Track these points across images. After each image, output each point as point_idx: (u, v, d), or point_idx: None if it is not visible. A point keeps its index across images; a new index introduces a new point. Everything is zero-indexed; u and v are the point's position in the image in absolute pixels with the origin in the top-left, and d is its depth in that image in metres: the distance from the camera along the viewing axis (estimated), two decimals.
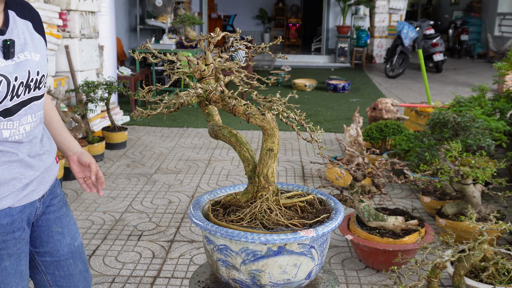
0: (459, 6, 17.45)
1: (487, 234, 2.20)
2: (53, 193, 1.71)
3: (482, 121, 3.71)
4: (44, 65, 1.54)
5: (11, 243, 1.53)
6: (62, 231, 1.72)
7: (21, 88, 1.43)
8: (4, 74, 1.37)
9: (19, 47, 1.44)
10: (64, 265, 1.73)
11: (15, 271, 1.55)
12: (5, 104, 1.40)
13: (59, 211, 1.73)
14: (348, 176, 4.03)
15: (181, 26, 9.02)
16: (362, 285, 2.82)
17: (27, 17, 1.52)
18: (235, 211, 1.51)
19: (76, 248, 1.77)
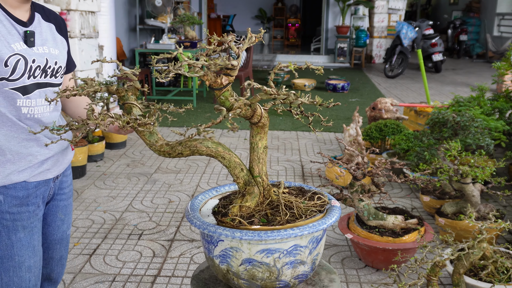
0: (458, 6, 17.47)
1: (486, 233, 2.21)
2: (66, 182, 1.90)
3: (481, 120, 3.72)
4: (63, 59, 1.77)
5: (26, 215, 1.69)
6: (63, 219, 1.92)
7: (38, 70, 1.64)
8: (23, 55, 1.60)
9: (40, 41, 1.68)
10: (50, 248, 1.91)
11: (28, 244, 1.71)
12: (23, 81, 1.60)
13: (67, 199, 1.92)
14: (347, 176, 4.04)
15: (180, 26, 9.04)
16: (362, 283, 2.83)
17: (51, 21, 1.79)
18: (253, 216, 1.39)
19: (66, 236, 1.96)
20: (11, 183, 1.64)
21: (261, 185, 1.41)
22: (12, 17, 1.61)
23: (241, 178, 1.40)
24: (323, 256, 3.13)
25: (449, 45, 15.43)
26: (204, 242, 1.42)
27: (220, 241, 1.34)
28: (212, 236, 1.35)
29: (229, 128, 1.34)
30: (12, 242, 1.68)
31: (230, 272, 1.36)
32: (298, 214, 1.38)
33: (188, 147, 1.38)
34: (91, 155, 4.83)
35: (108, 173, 4.64)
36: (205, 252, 1.45)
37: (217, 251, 1.36)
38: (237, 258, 1.32)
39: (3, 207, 1.65)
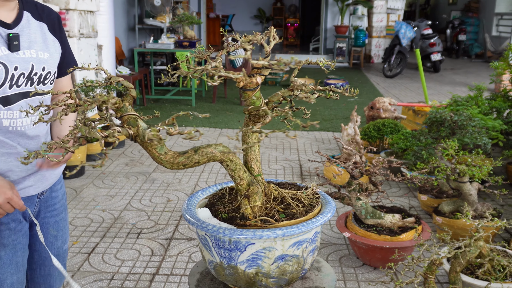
0: (457, 6, 17.48)
1: (483, 231, 2.22)
2: (56, 198, 1.78)
3: (479, 120, 3.73)
4: (53, 63, 1.60)
5: (6, 233, 1.59)
6: (56, 235, 1.81)
7: (21, 78, 1.49)
8: (3, 62, 1.44)
9: (27, 43, 1.52)
10: (47, 265, 1.80)
11: (10, 262, 1.61)
12: (4, 91, 1.46)
13: (59, 215, 1.80)
14: (345, 174, 4.05)
15: (179, 26, 9.03)
16: (359, 282, 2.84)
17: (43, 20, 1.62)
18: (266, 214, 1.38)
19: (63, 252, 1.86)
20: None
21: (262, 183, 1.41)
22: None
23: (245, 179, 1.36)
24: (321, 254, 3.14)
25: (448, 45, 15.45)
26: (223, 251, 1.31)
27: (250, 245, 1.28)
28: (239, 242, 1.28)
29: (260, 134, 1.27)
30: None
31: (260, 274, 1.32)
32: (308, 204, 1.42)
33: (204, 154, 1.29)
34: (89, 154, 4.84)
35: (106, 172, 4.65)
36: (218, 263, 1.34)
37: (244, 256, 1.29)
38: (270, 257, 1.30)
39: None
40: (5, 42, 1.46)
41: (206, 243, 1.34)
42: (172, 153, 1.27)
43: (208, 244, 1.33)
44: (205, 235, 1.32)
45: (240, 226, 1.30)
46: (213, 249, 1.32)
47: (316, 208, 1.41)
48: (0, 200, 1.43)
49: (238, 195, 1.37)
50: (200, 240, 1.38)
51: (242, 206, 1.35)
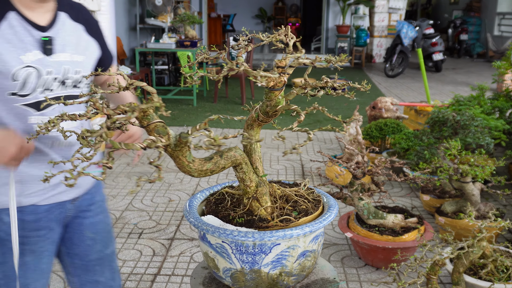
0: (459, 6, 17.46)
1: (486, 231, 2.21)
2: (91, 200, 1.72)
3: (481, 119, 3.72)
4: (88, 66, 1.57)
5: (34, 240, 1.55)
6: (94, 237, 1.73)
7: (54, 83, 1.46)
8: (36, 67, 1.41)
9: (60, 46, 1.47)
10: (91, 270, 1.74)
11: (35, 268, 1.58)
12: (36, 96, 1.43)
13: (95, 217, 1.73)
14: (347, 174, 4.04)
15: (181, 25, 9.03)
16: (361, 282, 2.83)
17: (80, 20, 1.57)
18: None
19: (106, 256, 1.77)
20: (19, 206, 1.50)
21: (267, 184, 1.40)
22: (28, 21, 1.41)
23: (254, 181, 1.32)
24: (323, 255, 3.13)
25: (450, 44, 15.43)
26: (245, 256, 1.27)
27: (275, 246, 1.26)
28: (264, 245, 1.24)
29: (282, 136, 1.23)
30: (18, 264, 1.55)
31: (283, 274, 1.30)
32: (312, 199, 1.42)
33: (229, 158, 1.25)
34: None
35: (108, 172, 4.65)
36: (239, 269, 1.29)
37: (269, 258, 1.27)
38: (293, 255, 1.29)
39: (10, 229, 1.50)
40: (38, 45, 1.42)
41: (224, 251, 1.28)
42: (198, 160, 1.23)
43: (227, 251, 1.27)
44: (223, 242, 1.27)
45: (262, 229, 1.27)
46: (233, 256, 1.27)
47: (321, 202, 1.43)
48: (12, 148, 1.34)
49: (244, 197, 1.34)
50: (213, 249, 1.30)
51: (254, 209, 1.32)
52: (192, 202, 1.41)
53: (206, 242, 1.32)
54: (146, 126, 1.14)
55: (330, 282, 1.45)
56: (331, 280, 1.46)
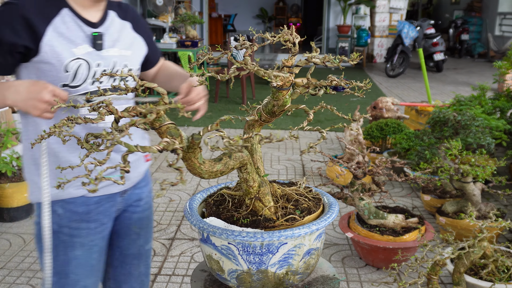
0: (460, 6, 17.45)
1: (487, 231, 2.21)
2: (140, 194, 1.76)
3: (482, 119, 3.72)
4: (135, 61, 1.64)
5: (85, 232, 1.58)
6: (139, 232, 1.78)
7: None
8: (86, 59, 1.48)
9: (110, 42, 1.55)
10: (128, 263, 1.79)
11: (85, 263, 1.60)
12: (85, 88, 1.49)
13: (143, 212, 1.78)
14: (348, 174, 4.04)
15: (181, 25, 9.04)
16: (362, 282, 2.83)
17: (127, 18, 1.65)
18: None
19: (145, 251, 1.83)
20: (70, 197, 1.54)
21: (268, 183, 1.39)
22: (81, 18, 1.49)
23: (257, 181, 1.31)
24: (324, 255, 3.13)
25: (451, 44, 15.41)
26: (252, 257, 1.26)
27: (282, 245, 1.26)
28: (271, 245, 1.24)
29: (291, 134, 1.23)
30: (68, 258, 1.58)
31: (289, 273, 1.30)
32: (312, 197, 1.42)
33: (237, 159, 1.25)
34: None
35: None
36: (245, 270, 1.27)
37: (276, 258, 1.27)
38: (299, 254, 1.29)
39: (62, 221, 1.56)
40: (89, 40, 1.49)
41: (230, 252, 1.27)
42: (208, 161, 1.22)
43: (233, 253, 1.26)
44: (229, 244, 1.25)
45: (268, 229, 1.26)
46: (239, 257, 1.26)
47: (321, 200, 1.43)
48: (45, 95, 1.33)
49: (246, 198, 1.33)
50: (218, 251, 1.28)
51: (258, 209, 1.32)
52: (192, 204, 1.39)
53: (210, 244, 1.30)
54: (158, 128, 1.13)
55: (331, 279, 1.46)
56: (331, 277, 1.47)
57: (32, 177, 1.56)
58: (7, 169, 3.47)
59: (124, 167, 1.03)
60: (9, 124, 4.00)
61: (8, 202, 3.55)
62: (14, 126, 4.08)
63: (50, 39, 1.43)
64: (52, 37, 1.43)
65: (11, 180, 3.56)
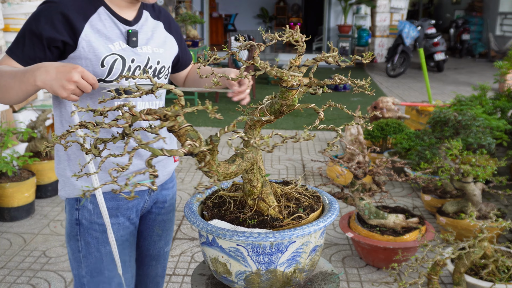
0: (461, 6, 17.44)
1: (487, 231, 2.21)
2: (166, 196, 1.77)
3: (483, 119, 3.71)
4: (167, 58, 1.67)
5: (115, 227, 1.59)
6: (161, 234, 1.79)
7: (137, 71, 1.56)
8: (121, 54, 1.51)
9: (144, 40, 1.60)
10: (146, 263, 1.81)
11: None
12: (121, 82, 1.51)
13: (167, 214, 1.79)
14: (349, 174, 4.04)
15: (182, 25, 9.03)
16: (362, 282, 2.83)
17: (160, 19, 1.70)
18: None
19: (164, 253, 1.84)
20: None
21: (269, 183, 1.39)
22: (116, 16, 1.54)
23: (260, 181, 1.31)
24: (324, 255, 3.13)
25: (451, 44, 15.40)
26: (262, 257, 1.25)
27: (291, 244, 1.26)
28: (281, 244, 1.25)
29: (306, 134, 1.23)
30: (101, 255, 1.59)
31: (297, 271, 1.31)
32: (311, 195, 1.43)
33: (249, 160, 1.25)
34: None
35: None
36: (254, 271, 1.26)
37: (285, 257, 1.27)
38: (306, 252, 1.30)
39: (93, 217, 1.57)
40: (124, 37, 1.54)
41: (239, 254, 1.26)
42: (223, 163, 1.21)
43: (242, 254, 1.25)
44: (238, 246, 1.24)
45: (276, 228, 1.26)
46: (248, 258, 1.26)
47: (320, 197, 1.44)
48: (75, 75, 1.32)
49: (249, 198, 1.32)
50: (225, 253, 1.27)
51: (263, 209, 1.31)
52: (192, 207, 1.38)
53: (216, 247, 1.28)
54: (177, 130, 1.11)
55: (330, 274, 1.48)
56: (330, 272, 1.49)
57: (64, 172, 1.58)
58: (8, 169, 3.47)
59: (153, 172, 1.02)
60: (10, 123, 4.00)
61: (9, 201, 3.55)
62: (14, 125, 4.08)
63: (88, 35, 1.47)
64: (89, 33, 1.47)
65: (11, 179, 3.56)
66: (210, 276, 1.46)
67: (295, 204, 1.36)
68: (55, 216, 3.67)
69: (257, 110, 1.32)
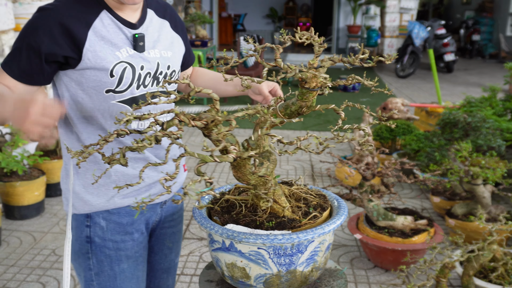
0: (471, 6, 17.32)
1: (496, 234, 2.20)
2: (176, 207, 1.69)
3: (492, 121, 3.69)
4: (176, 62, 1.57)
5: (130, 244, 1.53)
6: (171, 247, 1.73)
7: (148, 78, 1.45)
8: (129, 62, 1.40)
9: (151, 43, 1.48)
10: (157, 276, 1.74)
11: (132, 275, 1.55)
12: (132, 92, 1.41)
13: (176, 226, 1.72)
14: (357, 176, 4.03)
15: (191, 25, 9.06)
16: (370, 284, 2.82)
17: (165, 17, 1.58)
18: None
19: (174, 265, 1.78)
20: (115, 207, 1.48)
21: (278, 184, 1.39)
22: (120, 19, 1.42)
23: (273, 183, 1.31)
24: (332, 256, 3.12)
25: (462, 45, 15.31)
26: (283, 258, 1.25)
27: (310, 243, 1.27)
28: (301, 244, 1.25)
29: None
30: (115, 273, 1.51)
31: (314, 269, 1.31)
32: (316, 195, 1.43)
33: (274, 161, 1.27)
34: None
35: None
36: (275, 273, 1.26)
37: (304, 257, 1.27)
38: (322, 250, 1.31)
39: (106, 235, 1.49)
40: (130, 42, 1.42)
41: (260, 257, 1.25)
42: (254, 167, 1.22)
43: (263, 257, 1.25)
44: (259, 249, 1.24)
45: (295, 229, 1.26)
46: (270, 260, 1.25)
47: (326, 196, 1.45)
48: (32, 112, 1.11)
49: (261, 201, 1.31)
50: (245, 257, 1.26)
51: (278, 211, 1.31)
52: (202, 213, 1.37)
53: (235, 252, 1.27)
54: (216, 135, 1.09)
55: (335, 270, 1.49)
56: (335, 268, 1.50)
57: (73, 186, 1.48)
58: (18, 168, 3.50)
59: (209, 179, 1.02)
60: None
61: (19, 200, 3.58)
62: None
63: (92, 44, 1.36)
64: (94, 41, 1.36)
65: (22, 178, 3.59)
66: (219, 281, 1.44)
67: (304, 204, 1.37)
68: (64, 215, 3.70)
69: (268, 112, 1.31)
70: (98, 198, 1.47)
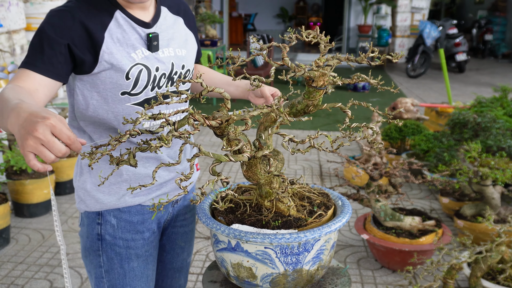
0: (484, 5, 17.16)
1: (505, 236, 2.17)
2: (187, 207, 1.68)
3: (503, 121, 3.65)
4: (191, 61, 1.54)
5: (140, 243, 1.52)
6: (184, 246, 1.72)
7: (162, 79, 1.43)
8: (145, 64, 1.38)
9: (165, 42, 1.45)
10: (170, 276, 1.74)
11: (141, 274, 1.55)
12: (146, 94, 1.40)
13: (188, 226, 1.71)
14: (365, 176, 4.01)
15: (201, 25, 9.07)
16: (377, 284, 2.80)
17: (179, 14, 1.55)
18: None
19: (187, 264, 1.78)
20: (125, 206, 1.48)
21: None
22: (133, 18, 1.39)
23: (278, 182, 1.31)
24: (339, 256, 3.11)
25: (474, 44, 15.17)
26: (290, 258, 1.25)
27: (316, 242, 1.27)
28: (307, 243, 1.25)
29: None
30: (124, 271, 1.51)
31: (320, 268, 1.32)
32: (319, 193, 1.43)
33: (281, 160, 1.28)
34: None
35: None
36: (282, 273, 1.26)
37: (310, 255, 1.28)
38: (327, 248, 1.31)
39: (117, 233, 1.49)
40: (144, 42, 1.39)
41: (267, 257, 1.25)
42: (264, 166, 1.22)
43: (270, 257, 1.25)
44: (265, 248, 1.24)
45: (301, 228, 1.27)
46: (276, 260, 1.25)
47: (328, 194, 1.45)
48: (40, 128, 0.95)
49: (265, 200, 1.31)
50: (251, 257, 1.26)
51: (283, 210, 1.31)
52: (207, 213, 1.36)
53: (241, 252, 1.27)
54: (228, 135, 1.09)
55: (338, 269, 1.49)
56: (337, 267, 1.50)
57: (85, 185, 1.48)
58: (27, 166, 3.53)
59: (226, 179, 1.03)
60: None
61: (28, 198, 3.61)
62: None
63: (109, 46, 1.33)
64: (110, 44, 1.34)
65: (31, 176, 3.62)
66: (223, 282, 1.44)
67: (308, 203, 1.37)
68: (73, 213, 3.72)
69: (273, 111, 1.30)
70: (109, 197, 1.47)
